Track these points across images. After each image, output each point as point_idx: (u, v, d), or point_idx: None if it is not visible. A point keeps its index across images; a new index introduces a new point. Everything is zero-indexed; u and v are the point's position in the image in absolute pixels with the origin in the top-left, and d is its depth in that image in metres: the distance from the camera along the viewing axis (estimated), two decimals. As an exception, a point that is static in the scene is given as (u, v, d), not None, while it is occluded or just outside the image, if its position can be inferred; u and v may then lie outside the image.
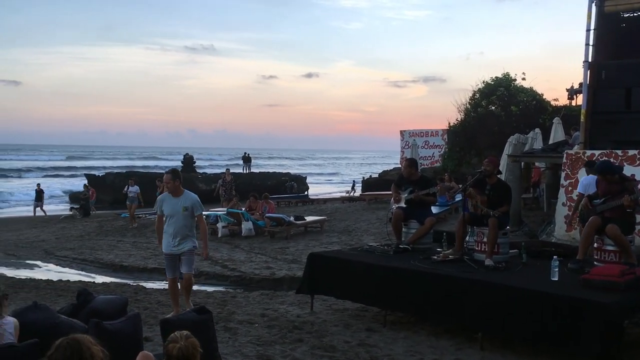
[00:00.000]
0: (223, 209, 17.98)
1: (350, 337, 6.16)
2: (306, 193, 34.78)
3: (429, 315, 6.29)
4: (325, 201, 28.14)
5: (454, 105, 26.10)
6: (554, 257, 5.96)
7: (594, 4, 11.35)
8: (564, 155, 11.13)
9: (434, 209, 10.01)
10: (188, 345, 3.10)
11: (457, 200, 15.51)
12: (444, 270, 6.24)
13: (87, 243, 16.41)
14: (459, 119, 25.25)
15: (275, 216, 16.09)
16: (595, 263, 6.29)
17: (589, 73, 11.22)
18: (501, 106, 23.58)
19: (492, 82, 24.31)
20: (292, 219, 16.05)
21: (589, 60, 11.21)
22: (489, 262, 6.47)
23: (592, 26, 11.27)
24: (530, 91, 23.84)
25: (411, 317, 6.69)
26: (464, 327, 5.98)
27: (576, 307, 5.02)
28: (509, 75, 24.34)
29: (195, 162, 38.39)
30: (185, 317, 4.63)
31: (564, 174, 10.96)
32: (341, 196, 30.72)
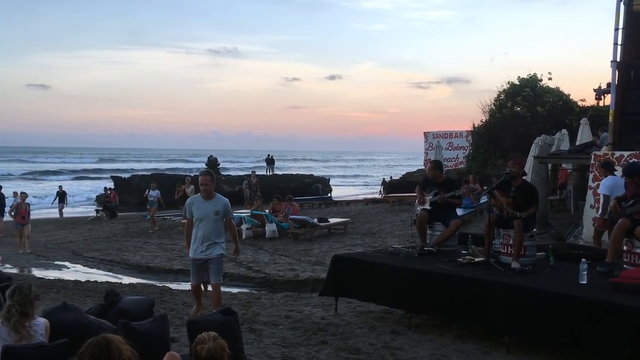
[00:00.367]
0: (247, 210, 18.08)
1: (375, 339, 6.14)
2: (329, 195, 34.80)
3: (455, 318, 6.23)
4: (349, 203, 28.12)
5: (478, 106, 25.92)
6: (583, 259, 5.86)
7: (622, 3, 11.17)
8: (592, 157, 10.96)
9: (459, 211, 9.92)
10: (216, 346, 3.12)
11: (482, 202, 15.37)
12: (469, 273, 6.18)
13: (113, 244, 16.65)
14: (483, 120, 25.06)
15: (298, 218, 16.13)
16: (625, 266, 6.17)
17: (617, 73, 11.05)
18: (527, 107, 23.33)
19: (517, 83, 24.05)
20: (315, 220, 16.08)
21: (618, 60, 11.03)
22: (515, 264, 6.39)
23: (621, 25, 11.10)
24: (556, 91, 23.54)
25: (436, 320, 6.65)
26: (490, 330, 5.92)
27: (606, 311, 4.93)
28: (535, 75, 24.06)
29: (219, 164, 38.72)
30: (211, 318, 4.66)
31: (592, 176, 10.79)
32: (364, 198, 30.63)
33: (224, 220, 6.84)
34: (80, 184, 50.05)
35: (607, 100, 18.58)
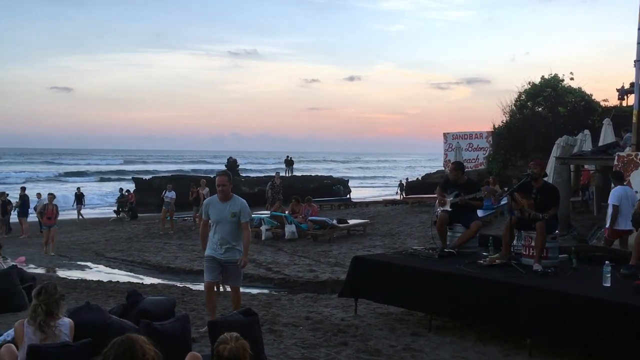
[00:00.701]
0: (267, 212, 18.15)
1: (395, 341, 6.12)
2: (348, 196, 34.76)
3: (476, 321, 6.19)
4: (368, 204, 28.07)
5: (498, 107, 25.71)
6: (606, 262, 5.78)
7: (645, 1, 11.01)
8: (615, 158, 10.81)
9: (479, 213, 9.85)
10: (238, 346, 3.14)
11: (502, 203, 15.23)
12: (491, 275, 6.13)
13: (135, 245, 16.84)
14: (504, 121, 24.79)
15: (318, 219, 16.14)
16: (650, 269, 6.08)
17: (641, 72, 10.87)
18: (548, 107, 23.03)
19: (538, 83, 23.78)
20: (334, 222, 16.08)
21: (641, 59, 10.86)
22: (537, 266, 6.32)
23: (645, 24, 10.92)
24: (578, 92, 23.20)
25: (457, 322, 6.61)
26: (512, 333, 5.87)
27: (630, 314, 4.86)
28: (556, 75, 23.77)
29: (239, 165, 38.90)
30: (232, 319, 4.69)
31: (615, 177, 10.62)
32: (383, 199, 30.53)
33: (241, 223, 6.45)
34: (105, 185, 50.85)
35: (630, 100, 18.32)
